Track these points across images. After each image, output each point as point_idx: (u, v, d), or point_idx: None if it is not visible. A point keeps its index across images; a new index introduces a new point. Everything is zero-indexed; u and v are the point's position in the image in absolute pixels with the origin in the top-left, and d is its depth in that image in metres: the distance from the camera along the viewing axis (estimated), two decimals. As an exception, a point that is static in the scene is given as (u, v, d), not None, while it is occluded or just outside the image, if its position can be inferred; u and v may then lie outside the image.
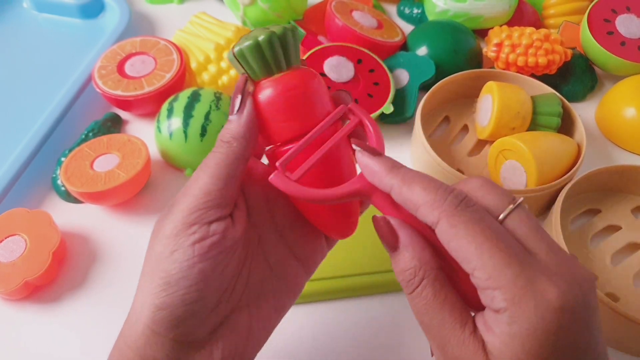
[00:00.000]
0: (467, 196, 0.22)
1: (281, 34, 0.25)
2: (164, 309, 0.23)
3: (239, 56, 0.25)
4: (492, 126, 0.46)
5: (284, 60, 0.25)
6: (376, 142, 0.26)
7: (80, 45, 0.60)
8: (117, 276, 0.41)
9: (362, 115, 0.26)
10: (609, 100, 0.52)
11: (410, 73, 0.53)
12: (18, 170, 0.45)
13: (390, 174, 0.23)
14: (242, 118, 0.25)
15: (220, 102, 0.47)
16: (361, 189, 0.24)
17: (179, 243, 0.23)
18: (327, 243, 0.30)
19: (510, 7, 0.57)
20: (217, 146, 0.25)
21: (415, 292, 0.22)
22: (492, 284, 0.20)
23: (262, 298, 0.27)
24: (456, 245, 0.20)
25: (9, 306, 0.40)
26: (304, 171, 0.24)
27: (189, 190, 0.25)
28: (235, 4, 0.57)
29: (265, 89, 0.25)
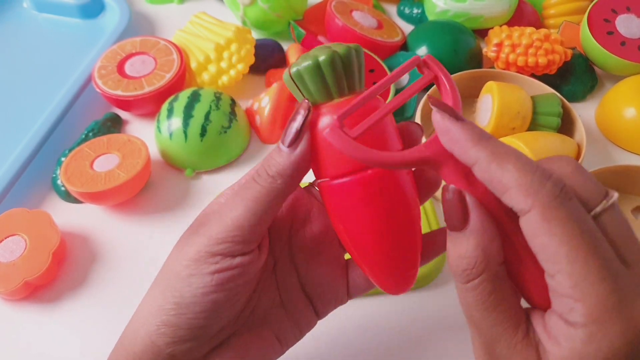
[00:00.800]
0: (566, 186, 0.18)
1: (344, 54, 0.22)
2: (169, 326, 0.23)
3: (296, 78, 0.23)
4: (492, 126, 0.46)
5: (347, 84, 0.23)
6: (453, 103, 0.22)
7: (80, 45, 0.59)
8: (117, 276, 0.41)
9: (439, 69, 0.22)
10: (609, 100, 0.52)
11: (410, 73, 0.53)
12: (18, 170, 0.45)
13: (478, 144, 0.19)
14: (294, 154, 0.22)
15: (220, 102, 0.47)
16: (433, 157, 0.20)
17: (198, 269, 0.23)
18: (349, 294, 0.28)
19: (510, 7, 0.57)
20: (260, 176, 0.23)
21: (470, 285, 0.20)
22: (575, 294, 0.17)
23: (266, 326, 0.26)
24: (545, 242, 0.18)
25: (9, 306, 0.40)
26: (365, 127, 0.21)
27: (221, 217, 0.23)
28: (235, 4, 0.57)
29: (323, 116, 0.22)
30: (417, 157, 0.21)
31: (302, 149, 0.22)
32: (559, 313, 0.18)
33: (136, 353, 0.23)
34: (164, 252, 0.43)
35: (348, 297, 0.28)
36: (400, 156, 0.21)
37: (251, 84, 0.55)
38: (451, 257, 0.20)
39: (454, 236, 0.20)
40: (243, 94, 0.54)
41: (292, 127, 0.22)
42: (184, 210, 0.45)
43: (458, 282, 0.20)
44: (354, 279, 0.28)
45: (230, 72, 0.52)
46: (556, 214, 0.18)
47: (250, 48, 0.53)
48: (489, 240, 0.20)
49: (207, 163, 0.47)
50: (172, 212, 0.45)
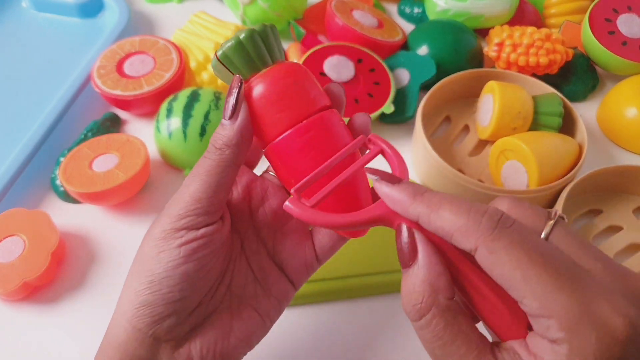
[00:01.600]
0: (504, 214, 0.19)
1: (261, 31, 0.25)
2: (146, 306, 0.24)
3: (223, 59, 0.25)
4: (493, 126, 0.46)
5: (269, 56, 0.25)
6: (399, 170, 0.24)
7: (80, 44, 0.59)
8: (116, 276, 0.41)
9: (383, 144, 0.25)
10: (611, 100, 0.52)
11: (410, 72, 0.52)
12: (17, 170, 0.45)
13: (415, 201, 0.21)
14: (235, 124, 0.24)
15: (219, 101, 0.47)
16: (384, 216, 0.22)
17: (166, 245, 0.24)
18: (318, 259, 0.29)
19: (511, 6, 0.57)
20: (209, 152, 0.25)
21: (424, 321, 0.20)
22: (545, 312, 0.18)
23: (244, 302, 0.27)
24: (500, 273, 0.19)
25: (8, 307, 0.39)
26: (321, 197, 0.23)
27: (180, 196, 0.25)
28: (235, 3, 0.57)
29: (254, 86, 0.25)
30: (370, 217, 0.22)
31: (242, 117, 0.24)
32: (540, 334, 0.19)
33: (120, 344, 0.24)
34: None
35: (318, 262, 0.29)
36: (354, 218, 0.23)
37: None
38: (403, 295, 0.21)
39: (405, 274, 0.21)
40: (243, 93, 0.54)
41: (229, 102, 0.24)
42: (183, 211, 0.45)
43: (413, 322, 0.21)
44: (319, 241, 0.29)
45: (230, 72, 0.52)
46: (499, 244, 0.19)
47: (250, 47, 0.52)
48: (437, 274, 0.20)
49: (206, 163, 0.47)
50: (171, 213, 0.45)
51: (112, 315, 0.25)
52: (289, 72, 0.25)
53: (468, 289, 0.21)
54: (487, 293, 0.21)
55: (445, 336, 0.20)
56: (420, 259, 0.21)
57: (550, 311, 0.18)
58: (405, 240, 0.21)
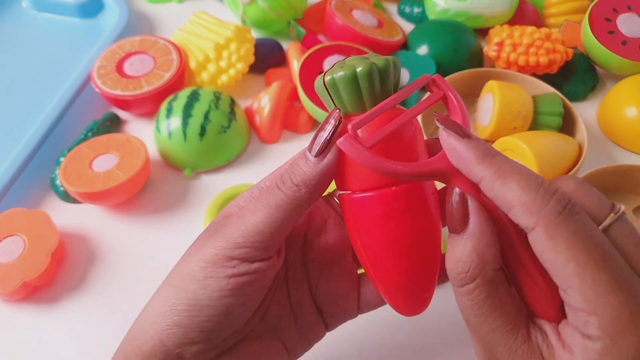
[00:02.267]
0: (572, 200, 0.19)
1: (382, 67, 0.22)
2: (180, 327, 0.23)
3: (330, 86, 0.22)
4: (493, 126, 0.46)
5: (382, 97, 0.22)
6: (462, 120, 0.22)
7: (79, 44, 0.59)
8: (116, 277, 0.41)
9: (447, 88, 0.23)
10: (611, 99, 0.52)
11: (410, 72, 0.52)
12: (17, 170, 0.45)
13: (483, 163, 0.19)
14: (321, 165, 0.22)
15: (219, 101, 0.47)
16: (443, 170, 0.20)
17: (215, 271, 0.23)
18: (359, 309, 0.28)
19: (511, 6, 0.57)
20: (285, 185, 0.22)
21: (465, 289, 0.20)
22: (589, 309, 0.18)
23: (275, 335, 0.26)
24: (552, 259, 0.18)
25: (8, 307, 0.39)
26: (379, 138, 0.21)
27: (241, 221, 0.23)
28: (234, 3, 0.57)
29: None
30: (428, 170, 0.21)
31: (330, 160, 0.22)
32: (574, 325, 0.18)
33: (144, 353, 0.23)
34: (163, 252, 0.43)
35: (358, 312, 0.28)
36: (411, 168, 0.21)
37: (251, 84, 0.55)
38: (448, 260, 0.20)
39: (453, 239, 0.20)
40: (243, 93, 0.54)
41: (321, 137, 0.22)
42: (183, 210, 0.45)
43: (454, 286, 0.20)
44: (365, 293, 0.27)
45: (229, 72, 0.52)
46: (560, 231, 0.18)
47: (250, 47, 0.52)
48: (486, 245, 0.20)
49: (206, 163, 0.47)
50: (171, 212, 0.45)
51: (140, 316, 0.24)
52: (402, 127, 0.22)
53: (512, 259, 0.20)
54: (531, 269, 0.20)
55: (484, 306, 0.19)
56: (471, 228, 0.20)
57: (595, 309, 0.17)
58: (457, 206, 0.20)
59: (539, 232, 0.18)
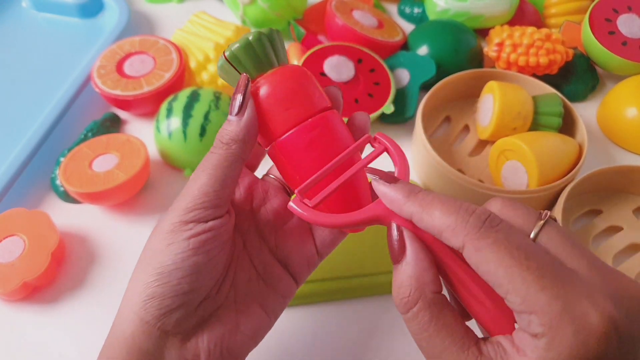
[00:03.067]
0: (492, 214, 0.20)
1: (268, 33, 0.26)
2: (154, 298, 0.24)
3: (231, 59, 0.26)
4: (493, 126, 0.46)
5: (275, 57, 0.26)
6: (401, 169, 0.25)
7: (79, 44, 0.59)
8: (116, 276, 0.41)
9: (388, 142, 0.26)
10: (611, 100, 0.52)
11: (411, 73, 0.52)
12: (17, 170, 0.45)
13: (409, 200, 0.22)
14: (242, 120, 0.25)
15: (219, 101, 0.47)
16: (381, 215, 0.23)
17: (175, 237, 0.24)
18: (319, 254, 0.30)
19: (511, 6, 0.57)
20: (216, 147, 0.25)
21: (410, 314, 0.21)
22: (526, 308, 0.19)
23: (249, 298, 0.28)
24: (485, 270, 0.19)
25: (8, 307, 0.39)
26: (322, 198, 0.24)
27: (188, 190, 0.25)
28: (235, 3, 0.57)
29: (262, 85, 0.26)
30: (368, 217, 0.23)
31: (249, 113, 0.25)
32: (523, 329, 0.19)
33: (127, 337, 0.24)
34: (163, 252, 0.43)
35: (319, 256, 0.30)
36: (354, 217, 0.24)
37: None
38: (393, 289, 0.22)
39: (395, 269, 0.22)
40: (243, 93, 0.54)
41: (236, 99, 0.25)
42: (183, 211, 0.45)
43: (402, 314, 0.22)
44: (319, 236, 0.30)
45: (230, 72, 0.52)
46: (485, 242, 0.19)
47: (250, 47, 0.52)
48: (422, 269, 0.21)
49: (206, 163, 0.47)
50: (171, 213, 0.45)
51: (119, 309, 0.25)
52: (294, 73, 0.26)
53: (457, 286, 0.22)
54: (475, 290, 0.22)
55: (430, 328, 0.21)
56: (408, 255, 0.22)
57: (531, 307, 0.18)
58: (395, 238, 0.22)
59: (468, 248, 0.20)
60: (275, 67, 0.26)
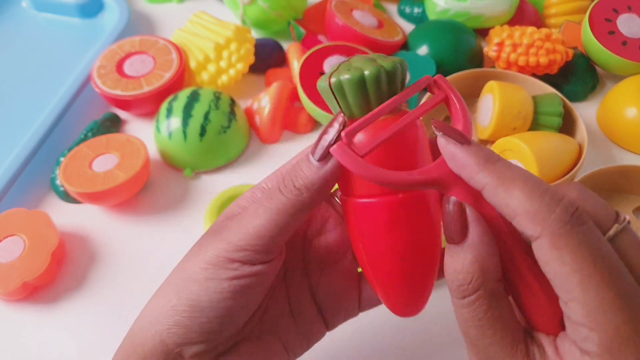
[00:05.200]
0: (579, 208, 0.18)
1: (390, 70, 0.21)
2: (180, 327, 0.23)
3: (335, 88, 0.21)
4: (493, 126, 0.46)
5: None
6: (463, 124, 0.22)
7: (79, 44, 0.59)
8: (116, 277, 0.41)
9: (449, 90, 0.22)
10: (611, 100, 0.52)
11: (410, 72, 0.52)
12: (17, 170, 0.45)
13: (485, 169, 0.19)
14: (323, 169, 0.21)
15: (219, 101, 0.47)
16: (441, 179, 0.20)
17: (216, 273, 0.23)
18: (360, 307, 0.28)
19: (511, 6, 0.57)
20: (287, 188, 0.22)
21: (466, 301, 0.19)
22: (589, 324, 0.17)
23: (274, 335, 0.26)
24: (556, 270, 0.18)
25: (8, 307, 0.39)
26: (373, 145, 0.20)
27: (243, 224, 0.23)
28: (234, 3, 0.57)
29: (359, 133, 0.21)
30: (425, 179, 0.20)
31: (333, 164, 0.21)
32: (573, 340, 0.18)
33: (145, 352, 0.23)
34: (163, 252, 0.43)
35: (359, 310, 0.28)
36: (407, 177, 0.20)
37: (251, 84, 0.55)
38: (448, 271, 0.20)
39: (452, 250, 0.20)
40: (243, 93, 0.54)
41: (324, 140, 0.21)
42: (183, 211, 0.45)
43: (454, 297, 0.20)
44: (366, 292, 0.27)
45: (229, 72, 0.52)
46: (566, 240, 0.17)
47: (250, 47, 0.52)
48: (487, 255, 0.19)
49: (206, 163, 0.47)
50: (171, 212, 0.45)
51: (141, 315, 0.24)
52: (400, 132, 0.21)
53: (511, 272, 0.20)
54: (530, 280, 0.20)
55: (484, 319, 0.19)
56: (471, 238, 0.19)
57: (596, 325, 0.17)
58: (455, 217, 0.20)
59: (543, 241, 0.18)
60: None
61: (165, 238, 0.43)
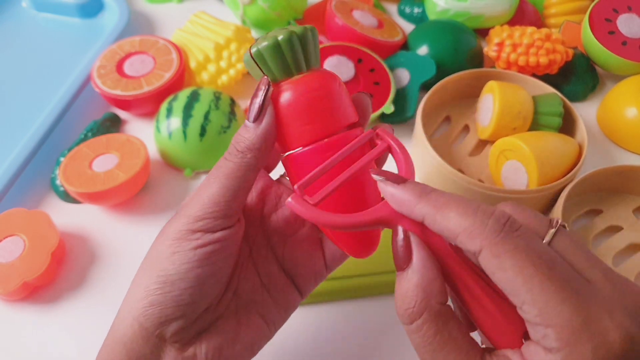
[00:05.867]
0: (511, 217, 0.19)
1: (301, 34, 0.23)
2: (155, 305, 0.23)
3: (256, 57, 0.23)
4: (493, 126, 0.46)
5: (304, 62, 0.24)
6: (405, 168, 0.24)
7: (79, 44, 0.59)
8: (116, 277, 0.41)
9: (391, 139, 0.25)
10: (611, 100, 0.52)
11: (411, 72, 0.52)
12: (17, 170, 0.45)
13: (421, 201, 0.20)
14: (259, 128, 0.23)
15: (219, 101, 0.47)
16: (387, 217, 0.22)
17: (181, 246, 0.24)
18: (328, 268, 0.29)
19: (511, 6, 0.57)
20: (230, 154, 0.24)
21: (414, 326, 0.20)
22: (544, 321, 0.18)
23: (251, 308, 0.27)
24: (502, 277, 0.18)
25: (8, 307, 0.39)
26: (324, 195, 0.23)
27: (198, 197, 0.24)
28: (234, 3, 0.57)
29: (284, 92, 0.24)
30: (374, 218, 0.22)
31: (267, 122, 0.23)
32: (536, 341, 0.18)
33: (126, 342, 0.24)
34: (163, 252, 0.43)
35: (327, 271, 0.29)
36: (358, 219, 0.22)
37: (251, 84, 0.55)
38: (396, 298, 0.21)
39: (399, 277, 0.21)
40: (242, 93, 0.54)
41: (255, 103, 0.23)
42: (183, 211, 0.45)
43: (404, 324, 0.21)
44: (329, 251, 0.29)
45: (229, 72, 0.52)
46: (503, 247, 0.18)
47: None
48: (430, 279, 0.20)
49: (206, 163, 0.47)
50: (171, 212, 0.45)
51: (119, 310, 0.25)
52: (322, 83, 0.24)
53: (465, 294, 0.21)
54: (484, 299, 0.21)
55: (435, 342, 0.20)
56: (414, 263, 0.20)
57: (549, 320, 0.18)
58: (401, 243, 0.21)
59: (485, 253, 0.19)
60: (303, 72, 0.24)
61: (165, 238, 0.43)
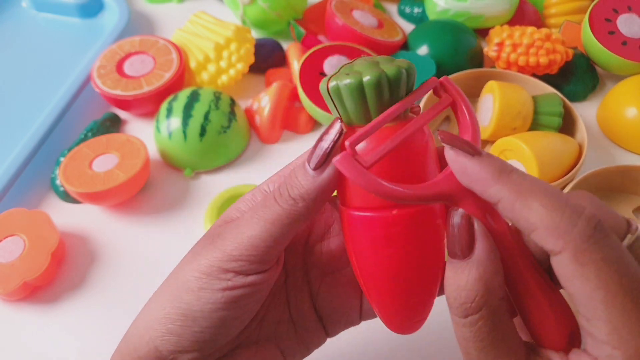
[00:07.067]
0: (601, 222, 0.17)
1: (393, 77, 0.19)
2: (173, 335, 0.22)
3: (333, 93, 0.20)
4: (493, 126, 0.46)
5: None
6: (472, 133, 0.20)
7: (79, 44, 0.59)
8: (116, 277, 0.41)
9: (457, 94, 0.21)
10: (611, 100, 0.52)
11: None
12: (17, 170, 0.45)
13: (499, 182, 0.18)
14: (319, 178, 0.20)
15: (219, 101, 0.47)
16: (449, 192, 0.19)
17: (210, 283, 0.22)
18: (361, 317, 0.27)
19: (511, 6, 0.57)
20: (282, 198, 0.21)
21: (468, 320, 0.18)
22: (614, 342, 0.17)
23: (273, 341, 0.26)
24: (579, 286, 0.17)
25: (8, 307, 0.39)
26: (379, 156, 0.19)
27: (238, 233, 0.22)
28: (234, 3, 0.57)
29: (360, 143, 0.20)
30: (433, 193, 0.19)
31: (329, 173, 0.20)
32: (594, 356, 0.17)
33: (140, 356, 0.23)
34: (163, 252, 0.43)
35: (360, 320, 0.27)
36: (413, 191, 0.19)
37: (251, 84, 0.55)
38: (449, 288, 0.19)
39: (455, 265, 0.19)
40: (243, 93, 0.54)
41: (321, 148, 0.20)
42: (183, 211, 0.45)
43: (454, 315, 0.19)
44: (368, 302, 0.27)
45: (229, 72, 0.52)
46: (590, 256, 0.17)
47: (250, 47, 0.52)
48: (493, 273, 0.18)
49: (206, 163, 0.47)
50: (171, 213, 0.45)
51: (136, 319, 0.24)
52: (405, 142, 0.19)
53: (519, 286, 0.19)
54: (537, 294, 0.19)
55: (487, 339, 0.18)
56: (478, 254, 0.18)
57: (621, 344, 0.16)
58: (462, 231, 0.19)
59: (565, 256, 0.17)
60: None
61: (165, 238, 0.43)
